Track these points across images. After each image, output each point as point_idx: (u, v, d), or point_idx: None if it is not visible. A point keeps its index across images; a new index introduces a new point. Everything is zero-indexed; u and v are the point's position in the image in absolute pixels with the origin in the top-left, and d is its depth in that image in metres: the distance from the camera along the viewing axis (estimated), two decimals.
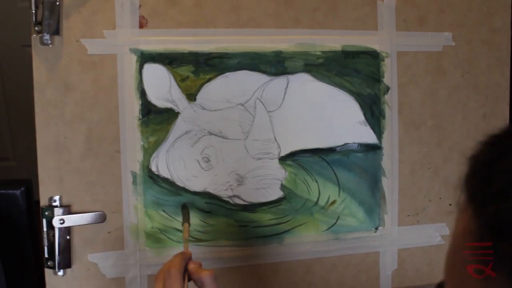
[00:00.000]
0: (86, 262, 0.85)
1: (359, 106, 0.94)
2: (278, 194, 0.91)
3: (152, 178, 0.86)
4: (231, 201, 0.89)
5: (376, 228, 0.97)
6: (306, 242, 0.93)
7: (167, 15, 0.85)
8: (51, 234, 0.82)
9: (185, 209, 0.86)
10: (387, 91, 0.95)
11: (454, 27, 0.98)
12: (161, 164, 0.86)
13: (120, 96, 0.84)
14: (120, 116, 0.84)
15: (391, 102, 0.95)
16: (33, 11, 0.79)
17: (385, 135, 0.96)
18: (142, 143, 0.85)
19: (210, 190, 0.88)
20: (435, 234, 0.99)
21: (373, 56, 0.94)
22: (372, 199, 0.96)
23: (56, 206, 0.82)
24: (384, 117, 0.95)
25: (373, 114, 0.95)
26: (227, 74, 0.88)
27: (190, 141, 0.87)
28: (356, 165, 0.94)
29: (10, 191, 1.03)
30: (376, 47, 0.94)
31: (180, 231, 0.88)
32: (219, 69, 0.88)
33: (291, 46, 0.90)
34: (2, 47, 2.08)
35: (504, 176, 0.38)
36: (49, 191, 0.83)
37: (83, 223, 0.83)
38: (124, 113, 0.84)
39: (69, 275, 0.84)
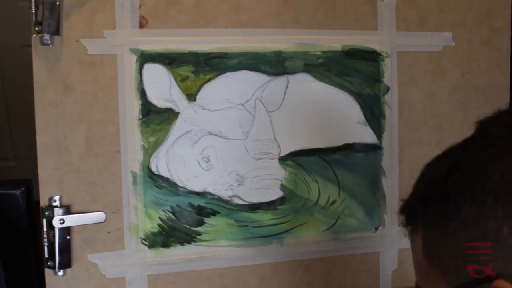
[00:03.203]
0: (86, 262, 0.85)
1: (359, 106, 0.94)
2: (278, 194, 0.91)
3: (152, 178, 0.86)
4: (231, 201, 0.89)
5: (376, 228, 0.97)
6: (306, 242, 0.93)
7: (167, 15, 0.85)
8: (51, 234, 0.82)
9: None
10: (387, 91, 0.95)
11: (454, 27, 0.98)
12: (161, 164, 0.86)
13: (120, 96, 0.84)
14: (120, 116, 0.84)
15: (391, 102, 0.95)
16: (33, 11, 0.79)
17: (385, 135, 0.95)
18: (142, 143, 0.85)
19: (210, 190, 0.88)
20: None
21: (373, 56, 0.94)
22: (372, 199, 0.96)
23: (56, 206, 0.82)
24: (384, 117, 0.95)
25: (373, 114, 0.95)
26: (227, 74, 0.88)
27: (190, 141, 0.87)
28: (356, 165, 0.94)
29: (10, 191, 1.03)
30: (376, 47, 0.94)
31: (181, 231, 0.88)
32: (219, 69, 0.88)
33: (291, 46, 0.90)
34: (2, 47, 2.08)
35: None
36: (49, 191, 0.83)
37: (83, 223, 0.83)
38: (124, 113, 0.84)
39: (69, 275, 0.84)
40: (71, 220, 0.82)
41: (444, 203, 0.44)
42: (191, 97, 0.87)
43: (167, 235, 0.87)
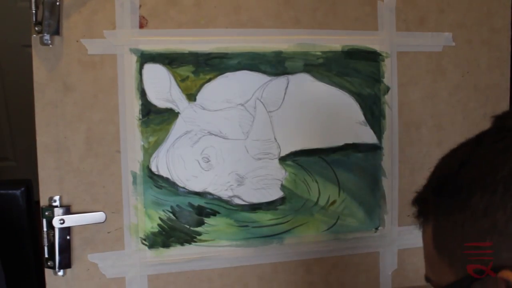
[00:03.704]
0: (86, 262, 0.85)
1: (359, 106, 0.94)
2: (278, 194, 0.91)
3: (152, 178, 0.86)
4: (231, 201, 0.89)
5: (376, 228, 0.97)
6: (306, 242, 0.93)
7: (167, 15, 0.85)
8: (51, 234, 0.82)
9: None
10: (387, 91, 0.95)
11: (454, 27, 0.98)
12: (161, 164, 0.86)
13: (120, 96, 0.84)
14: (120, 116, 0.84)
15: (391, 102, 0.95)
16: (33, 11, 0.79)
17: (385, 135, 0.95)
18: (142, 143, 0.85)
19: (210, 190, 0.88)
20: None
21: (373, 56, 0.94)
22: (372, 199, 0.96)
23: (56, 206, 0.82)
24: (384, 117, 0.95)
25: (373, 114, 0.95)
26: (227, 74, 0.88)
27: (190, 141, 0.87)
28: (356, 165, 0.94)
29: (10, 191, 1.03)
30: (376, 47, 0.94)
31: (181, 231, 0.88)
32: (219, 69, 0.88)
33: (291, 46, 0.90)
34: (2, 47, 2.08)
35: None
36: (49, 191, 0.83)
37: (83, 223, 0.83)
38: (124, 113, 0.84)
39: (69, 275, 0.84)
40: (71, 220, 0.82)
41: (455, 194, 0.45)
42: (191, 97, 0.87)
43: (167, 235, 0.87)
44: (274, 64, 0.90)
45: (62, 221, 0.81)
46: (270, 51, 0.89)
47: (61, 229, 0.82)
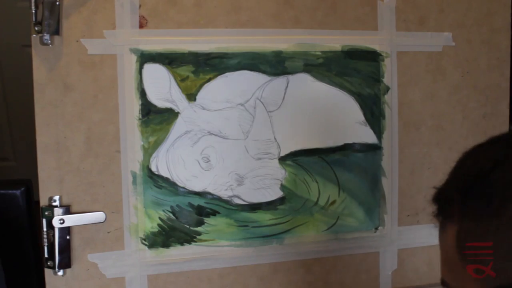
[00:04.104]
0: (86, 262, 0.85)
1: (359, 106, 0.94)
2: (278, 194, 0.91)
3: (152, 178, 0.86)
4: (231, 201, 0.89)
5: (376, 228, 0.97)
6: (306, 242, 0.93)
7: (167, 15, 0.85)
8: (51, 234, 0.82)
9: None
10: (387, 91, 0.95)
11: (454, 27, 0.98)
12: (161, 164, 0.86)
13: (120, 96, 0.84)
14: (120, 116, 0.84)
15: (391, 102, 0.95)
16: (33, 11, 0.79)
17: (385, 135, 0.96)
18: (142, 143, 0.85)
19: (210, 190, 0.88)
20: (435, 234, 0.99)
21: (373, 56, 0.94)
22: (372, 199, 0.96)
23: (56, 206, 0.82)
24: (384, 117, 0.95)
25: (373, 114, 0.95)
26: (227, 74, 0.88)
27: (190, 141, 0.87)
28: (356, 165, 0.94)
29: (10, 191, 1.03)
30: (376, 47, 0.94)
31: (180, 231, 0.88)
32: (219, 69, 0.88)
33: (291, 46, 0.90)
34: (2, 47, 2.08)
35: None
36: (49, 191, 0.83)
37: (83, 223, 0.83)
38: (124, 113, 0.84)
39: (69, 275, 0.84)
40: (71, 220, 0.82)
41: (487, 198, 0.42)
42: (191, 97, 0.87)
43: (167, 235, 0.87)
44: (274, 64, 0.90)
45: (62, 221, 0.81)
46: (270, 51, 0.89)
47: (61, 229, 0.82)
